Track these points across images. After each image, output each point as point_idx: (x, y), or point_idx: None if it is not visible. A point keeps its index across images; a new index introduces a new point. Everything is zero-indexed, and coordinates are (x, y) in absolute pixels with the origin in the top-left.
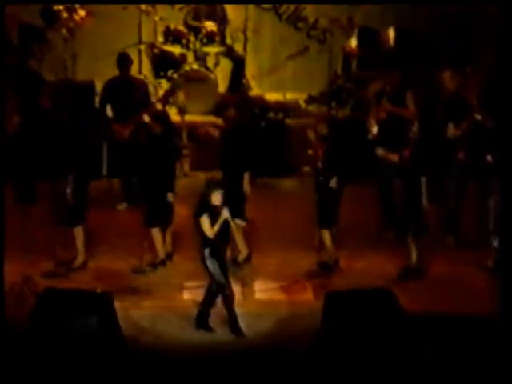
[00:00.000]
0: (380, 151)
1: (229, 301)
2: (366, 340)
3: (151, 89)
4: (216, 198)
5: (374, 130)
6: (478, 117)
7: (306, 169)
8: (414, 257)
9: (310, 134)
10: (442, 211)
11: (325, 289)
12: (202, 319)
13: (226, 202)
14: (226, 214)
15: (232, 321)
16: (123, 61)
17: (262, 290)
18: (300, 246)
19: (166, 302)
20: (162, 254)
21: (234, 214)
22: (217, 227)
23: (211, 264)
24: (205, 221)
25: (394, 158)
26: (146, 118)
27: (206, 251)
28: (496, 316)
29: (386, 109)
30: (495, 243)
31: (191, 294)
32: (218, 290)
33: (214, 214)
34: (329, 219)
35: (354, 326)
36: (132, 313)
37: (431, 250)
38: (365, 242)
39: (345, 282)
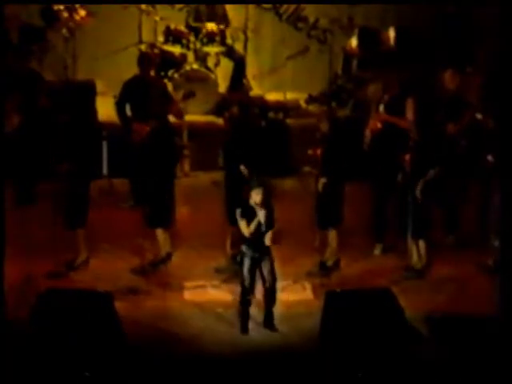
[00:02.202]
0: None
1: (244, 304)
2: (365, 340)
3: None
4: (256, 197)
5: (368, 139)
6: (479, 116)
7: (307, 169)
8: (414, 257)
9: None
10: (442, 211)
11: (325, 288)
12: (266, 319)
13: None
14: (261, 216)
15: (241, 320)
16: (144, 60)
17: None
18: (300, 246)
19: (166, 302)
20: (163, 254)
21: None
22: (253, 226)
23: (242, 262)
24: (241, 219)
25: None
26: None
27: (243, 248)
28: (496, 316)
29: (382, 118)
30: (496, 243)
31: (191, 294)
32: (270, 287)
33: (252, 213)
34: (334, 218)
35: (353, 326)
36: (132, 313)
37: (432, 249)
38: (365, 242)
39: (345, 281)
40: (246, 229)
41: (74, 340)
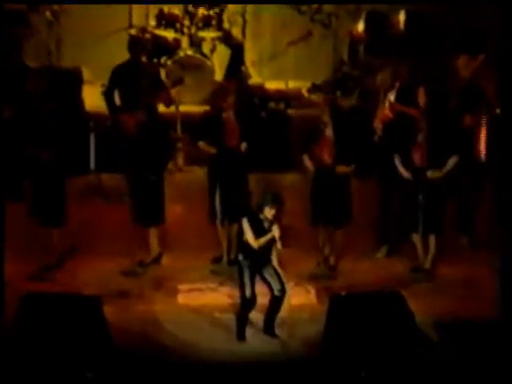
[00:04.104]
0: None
1: (244, 310)
2: (373, 347)
3: None
4: (269, 213)
5: (380, 131)
6: (498, 110)
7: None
8: (422, 256)
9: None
10: (456, 210)
11: (329, 292)
12: (266, 325)
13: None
14: (276, 233)
15: (238, 327)
16: (134, 45)
17: (263, 293)
18: (302, 246)
19: (158, 307)
20: (155, 254)
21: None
22: (263, 241)
23: (242, 269)
24: (248, 231)
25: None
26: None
27: (240, 256)
28: (510, 319)
29: (395, 108)
30: None
31: (186, 298)
32: (280, 295)
33: (260, 226)
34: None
35: (360, 332)
36: (122, 318)
37: (444, 250)
38: (371, 243)
39: (350, 284)
40: (254, 242)
41: (57, 348)
